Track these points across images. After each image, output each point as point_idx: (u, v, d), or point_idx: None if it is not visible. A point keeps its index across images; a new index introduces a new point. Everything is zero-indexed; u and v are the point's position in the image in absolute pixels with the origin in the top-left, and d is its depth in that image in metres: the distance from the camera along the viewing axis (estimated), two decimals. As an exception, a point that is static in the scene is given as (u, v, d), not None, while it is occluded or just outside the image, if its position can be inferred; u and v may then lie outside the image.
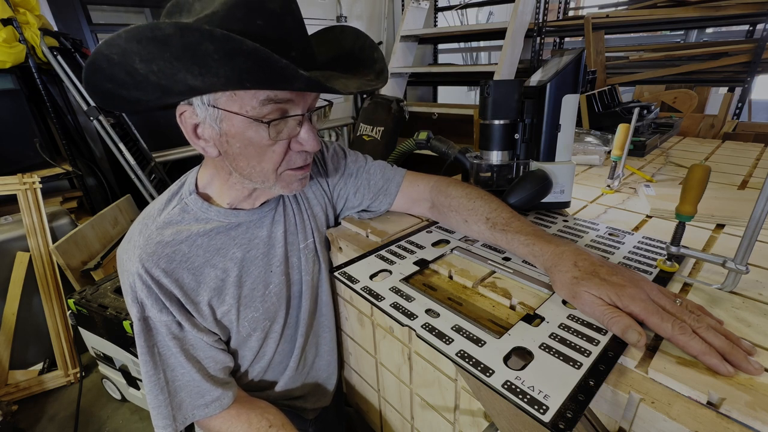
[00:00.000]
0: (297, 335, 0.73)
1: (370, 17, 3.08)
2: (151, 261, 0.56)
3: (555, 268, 0.51)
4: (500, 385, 0.39)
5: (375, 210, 0.79)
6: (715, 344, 0.39)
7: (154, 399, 0.59)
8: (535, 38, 2.46)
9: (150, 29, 0.38)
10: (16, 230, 1.59)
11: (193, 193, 0.61)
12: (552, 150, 0.73)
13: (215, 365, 0.63)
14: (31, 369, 1.65)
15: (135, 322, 0.58)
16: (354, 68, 0.59)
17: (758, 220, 0.44)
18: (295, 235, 0.70)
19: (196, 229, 0.60)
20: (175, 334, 0.60)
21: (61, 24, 2.20)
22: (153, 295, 0.57)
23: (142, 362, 0.59)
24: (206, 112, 0.51)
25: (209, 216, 0.61)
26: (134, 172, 1.90)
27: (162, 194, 0.64)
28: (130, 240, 0.59)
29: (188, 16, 0.47)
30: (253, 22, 0.45)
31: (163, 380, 0.59)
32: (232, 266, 0.63)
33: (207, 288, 0.61)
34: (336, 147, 0.78)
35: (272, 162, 0.55)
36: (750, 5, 1.86)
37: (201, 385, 0.61)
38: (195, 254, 0.60)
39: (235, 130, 0.51)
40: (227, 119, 0.51)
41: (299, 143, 0.55)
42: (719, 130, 1.75)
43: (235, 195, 0.62)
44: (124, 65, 0.42)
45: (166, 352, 0.60)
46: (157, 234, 0.58)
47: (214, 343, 0.63)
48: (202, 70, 0.42)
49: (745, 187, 0.92)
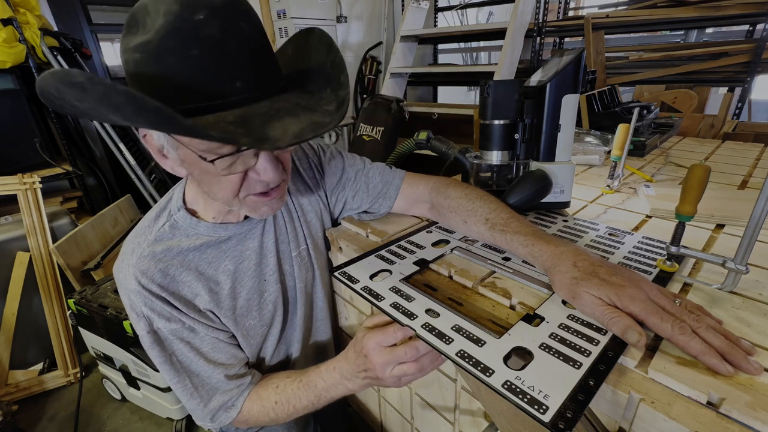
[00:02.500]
0: (293, 340, 0.73)
1: (370, 17, 3.08)
2: (146, 277, 0.56)
3: (554, 269, 0.51)
4: (500, 385, 0.39)
5: (375, 212, 0.79)
6: (715, 344, 0.39)
7: (188, 402, 0.62)
8: (535, 38, 2.46)
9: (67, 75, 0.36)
10: (16, 230, 1.59)
11: (182, 209, 0.61)
12: (552, 150, 0.73)
13: (237, 362, 0.64)
14: (31, 369, 1.65)
15: (144, 336, 0.58)
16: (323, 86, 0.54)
17: (758, 220, 0.44)
18: (287, 243, 0.70)
19: (187, 244, 0.59)
20: (189, 339, 0.60)
21: (61, 24, 2.20)
22: (156, 307, 0.57)
23: (162, 371, 0.60)
24: (164, 138, 0.49)
25: (198, 231, 0.61)
26: (134, 172, 1.90)
27: (150, 210, 0.64)
28: (123, 259, 0.59)
29: (140, 33, 0.44)
30: (188, 53, 0.41)
31: (191, 386, 0.61)
32: (225, 279, 0.63)
33: (202, 300, 0.61)
34: (333, 150, 0.77)
35: (229, 190, 0.52)
36: (750, 5, 1.86)
37: (229, 383, 0.62)
38: (187, 269, 0.59)
39: (190, 158, 0.49)
40: (181, 148, 0.48)
41: (256, 172, 0.51)
42: (719, 130, 1.75)
43: (218, 209, 0.61)
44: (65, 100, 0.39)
45: (185, 360, 0.60)
46: (149, 251, 0.58)
47: (229, 340, 0.64)
48: (123, 116, 0.39)
49: (745, 187, 0.92)
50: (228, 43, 0.42)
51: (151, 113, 0.37)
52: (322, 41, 0.55)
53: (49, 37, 1.82)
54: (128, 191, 2.12)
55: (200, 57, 0.41)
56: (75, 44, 1.99)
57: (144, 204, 2.06)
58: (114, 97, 0.36)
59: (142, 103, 0.36)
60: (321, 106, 0.50)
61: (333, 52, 0.54)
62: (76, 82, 0.36)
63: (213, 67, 0.42)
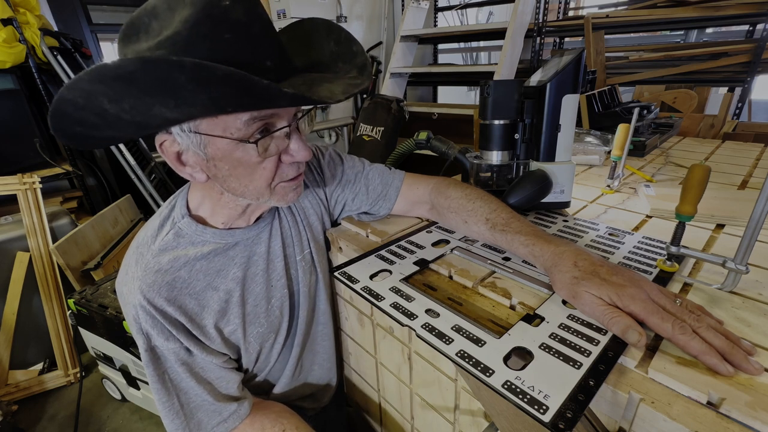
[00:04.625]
0: (294, 344, 0.73)
1: (370, 17, 3.08)
2: (153, 291, 0.55)
3: (555, 269, 0.51)
4: (500, 385, 0.39)
5: (375, 214, 0.79)
6: (715, 344, 0.39)
7: (171, 423, 0.59)
8: (535, 38, 2.46)
9: (112, 67, 0.36)
10: (16, 230, 1.59)
11: (186, 216, 0.59)
12: (552, 150, 0.73)
13: (227, 384, 0.62)
14: (31, 369, 1.65)
15: (142, 353, 0.57)
16: (333, 65, 0.56)
17: (758, 220, 0.44)
18: (292, 247, 0.69)
19: (193, 253, 0.58)
20: (184, 359, 0.59)
21: (61, 24, 2.20)
22: (158, 324, 0.56)
23: (154, 390, 0.58)
24: (188, 139, 0.48)
25: (205, 238, 0.59)
26: (134, 172, 1.90)
27: (152, 218, 0.62)
28: (128, 272, 0.57)
29: (147, 39, 0.43)
30: (221, 37, 0.42)
31: (178, 405, 0.58)
32: (234, 286, 0.62)
33: (211, 311, 0.60)
34: (332, 152, 0.77)
35: (264, 179, 0.53)
36: (750, 5, 1.86)
37: (216, 405, 0.60)
38: (195, 279, 0.58)
39: (221, 153, 0.49)
40: (212, 143, 0.48)
41: (290, 155, 0.54)
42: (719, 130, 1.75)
43: (228, 214, 0.60)
44: (91, 108, 0.39)
45: (177, 377, 0.59)
46: (155, 262, 0.56)
47: (223, 364, 0.62)
48: (177, 102, 0.39)
49: (745, 187, 0.92)
50: (254, 26, 0.44)
51: (221, 83, 0.38)
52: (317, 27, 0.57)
53: (49, 37, 1.82)
54: (128, 191, 2.12)
55: (232, 40, 0.43)
56: (75, 44, 1.99)
57: (144, 204, 2.06)
58: (175, 75, 0.36)
59: (214, 71, 0.37)
60: (342, 76, 0.53)
61: (335, 32, 0.57)
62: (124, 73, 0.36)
63: (246, 48, 0.44)
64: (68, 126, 0.42)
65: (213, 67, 0.37)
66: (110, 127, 0.43)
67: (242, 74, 0.38)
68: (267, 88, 0.40)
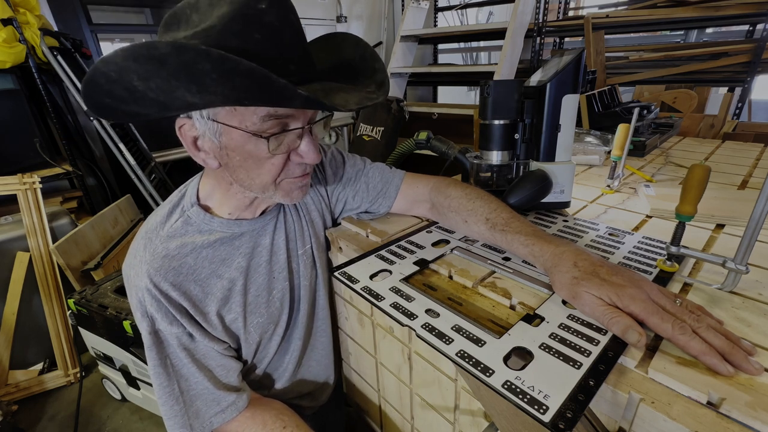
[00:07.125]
0: (294, 338, 0.73)
1: (370, 17, 3.08)
2: (159, 275, 0.56)
3: (555, 269, 0.51)
4: (500, 385, 0.39)
5: (374, 212, 0.79)
6: (715, 344, 0.39)
7: (170, 409, 0.59)
8: (535, 38, 2.46)
9: (146, 48, 0.38)
10: (16, 230, 1.59)
11: (195, 205, 0.61)
12: (552, 150, 0.73)
13: (227, 372, 0.63)
14: (31, 369, 1.65)
15: (145, 336, 0.58)
16: (354, 78, 0.59)
17: (758, 220, 0.44)
18: (295, 241, 0.71)
19: (201, 241, 0.60)
20: (186, 345, 0.60)
21: (61, 24, 2.20)
22: (162, 308, 0.57)
23: (154, 374, 0.59)
24: (206, 125, 0.51)
25: (212, 227, 0.61)
26: (134, 172, 1.90)
27: (162, 206, 0.64)
28: (136, 255, 0.59)
29: (186, 29, 0.47)
30: (251, 36, 0.45)
31: (177, 390, 0.60)
32: (238, 275, 0.63)
33: (214, 298, 0.61)
34: (334, 151, 0.78)
35: (271, 174, 0.55)
36: (750, 5, 1.86)
37: (215, 393, 0.61)
38: (201, 266, 0.60)
39: (234, 143, 0.52)
40: (227, 133, 0.51)
41: (299, 155, 0.56)
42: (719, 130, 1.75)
43: (236, 204, 0.62)
44: (122, 82, 0.42)
45: (178, 363, 0.60)
46: (163, 248, 0.58)
47: (224, 351, 0.63)
48: (199, 88, 0.42)
49: (745, 187, 0.92)
50: (285, 31, 0.47)
51: (242, 76, 0.40)
52: (347, 40, 0.61)
53: (49, 37, 1.82)
54: (128, 191, 2.12)
55: (261, 41, 0.45)
56: (75, 44, 1.99)
57: (144, 204, 2.05)
58: (201, 63, 0.39)
59: (237, 64, 0.39)
60: (360, 89, 0.56)
61: (361, 47, 0.60)
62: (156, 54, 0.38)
63: (272, 50, 0.46)
64: (98, 96, 0.44)
65: (237, 61, 0.39)
66: (136, 102, 0.45)
67: (263, 71, 0.40)
68: (284, 88, 0.42)
